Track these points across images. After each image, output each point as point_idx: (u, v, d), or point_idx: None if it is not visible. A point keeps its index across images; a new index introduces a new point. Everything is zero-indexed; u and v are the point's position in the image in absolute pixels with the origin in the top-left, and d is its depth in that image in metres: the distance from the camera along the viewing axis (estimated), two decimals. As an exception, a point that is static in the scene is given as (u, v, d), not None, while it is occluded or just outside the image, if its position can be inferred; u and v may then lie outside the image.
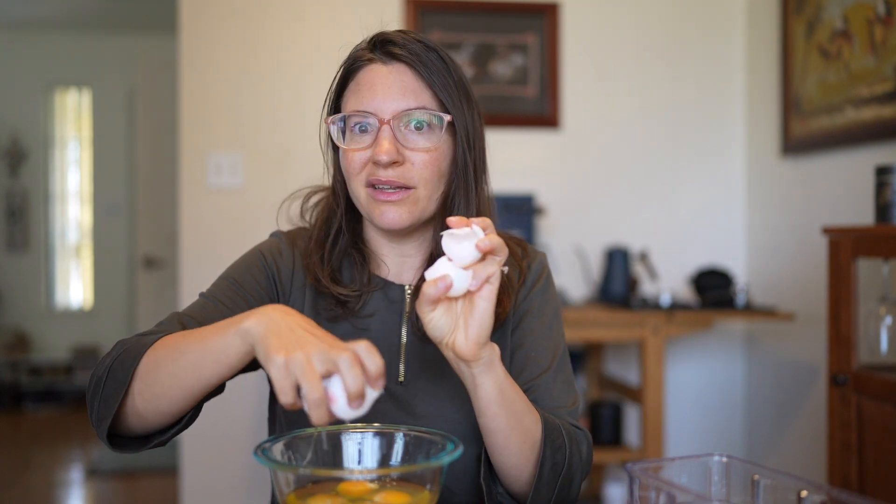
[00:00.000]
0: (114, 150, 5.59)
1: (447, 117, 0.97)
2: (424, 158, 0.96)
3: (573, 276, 2.78)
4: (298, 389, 0.71)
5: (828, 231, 1.82)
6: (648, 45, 2.88)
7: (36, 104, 5.57)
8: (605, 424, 2.58)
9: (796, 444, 2.59)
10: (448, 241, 0.79)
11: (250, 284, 1.02)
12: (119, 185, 5.60)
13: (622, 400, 2.73)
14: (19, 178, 5.54)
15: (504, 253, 0.81)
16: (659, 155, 2.88)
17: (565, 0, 2.82)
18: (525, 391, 1.02)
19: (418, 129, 0.96)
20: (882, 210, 1.73)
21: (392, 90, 0.96)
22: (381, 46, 0.99)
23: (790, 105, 2.61)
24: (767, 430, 2.77)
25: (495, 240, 0.79)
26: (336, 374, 0.71)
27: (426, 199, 0.98)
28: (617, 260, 2.62)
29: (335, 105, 1.03)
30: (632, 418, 2.81)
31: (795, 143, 2.59)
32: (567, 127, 2.83)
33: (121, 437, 0.89)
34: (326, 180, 1.09)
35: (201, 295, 1.01)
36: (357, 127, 0.97)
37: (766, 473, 0.77)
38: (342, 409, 0.71)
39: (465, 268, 0.80)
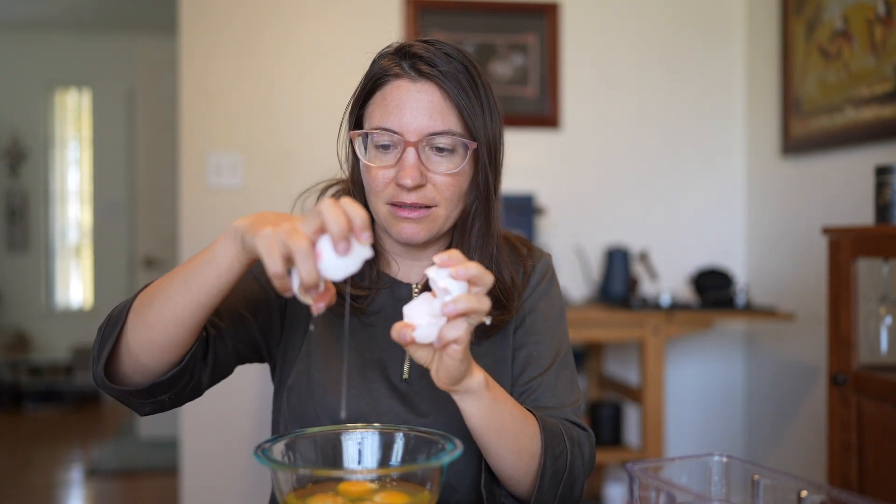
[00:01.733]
0: (114, 150, 5.59)
1: (472, 144, 0.96)
2: (446, 181, 0.96)
3: (573, 276, 2.78)
4: (289, 272, 0.71)
5: (828, 231, 1.82)
6: (648, 45, 2.88)
7: (36, 104, 5.57)
8: (605, 424, 2.58)
9: (796, 444, 2.59)
10: (432, 284, 0.77)
11: (251, 278, 1.02)
12: (119, 185, 5.60)
13: (622, 400, 2.73)
14: (19, 178, 5.54)
15: (479, 312, 0.77)
16: (659, 155, 2.88)
17: (565, 0, 2.82)
18: (527, 390, 1.02)
19: (441, 151, 0.96)
20: (882, 210, 1.73)
21: (420, 111, 0.95)
22: (408, 60, 0.96)
23: (790, 105, 2.61)
24: (767, 430, 2.77)
25: (463, 305, 0.75)
26: (324, 235, 0.71)
27: (445, 217, 0.99)
28: (617, 260, 2.62)
29: (357, 114, 1.02)
30: (632, 418, 2.81)
31: (795, 143, 2.59)
32: (567, 127, 2.83)
33: (123, 391, 0.89)
34: (337, 175, 1.09)
35: None
36: (380, 143, 0.97)
37: (766, 473, 0.77)
38: (330, 264, 0.70)
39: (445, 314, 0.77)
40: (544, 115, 2.81)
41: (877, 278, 1.88)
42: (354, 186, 1.04)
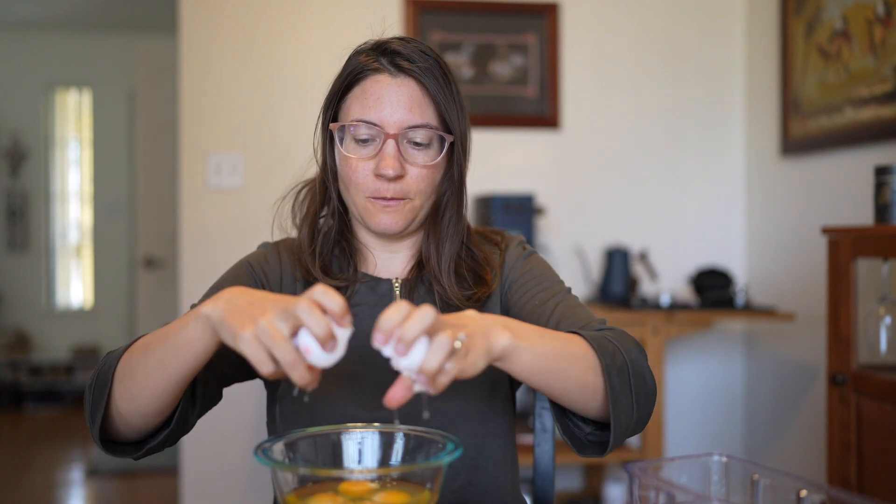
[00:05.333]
0: (114, 150, 5.59)
1: (449, 138, 1.01)
2: (422, 173, 1.00)
3: (573, 276, 2.78)
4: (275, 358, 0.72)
5: (827, 231, 1.82)
6: (648, 45, 2.88)
7: (36, 104, 5.57)
8: (604, 424, 2.58)
9: (796, 444, 2.59)
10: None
11: None
12: (119, 185, 5.60)
13: (622, 400, 2.73)
14: (19, 178, 5.54)
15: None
16: (659, 155, 2.88)
17: (565, 0, 2.82)
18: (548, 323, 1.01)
19: (418, 145, 1.00)
20: (881, 210, 1.73)
21: (399, 104, 0.98)
22: (387, 56, 1.00)
23: (790, 105, 2.61)
24: (767, 430, 2.77)
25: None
26: (303, 328, 0.72)
27: (419, 207, 1.02)
28: (617, 260, 2.62)
29: (335, 108, 1.05)
30: (632, 418, 2.81)
31: (795, 144, 2.59)
32: (567, 127, 2.83)
33: (117, 444, 0.92)
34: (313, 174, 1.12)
35: (192, 307, 1.01)
36: (360, 137, 1.00)
37: (765, 473, 0.77)
38: (318, 357, 0.72)
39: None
40: (544, 115, 2.81)
41: (876, 278, 1.88)
42: (328, 176, 1.06)
